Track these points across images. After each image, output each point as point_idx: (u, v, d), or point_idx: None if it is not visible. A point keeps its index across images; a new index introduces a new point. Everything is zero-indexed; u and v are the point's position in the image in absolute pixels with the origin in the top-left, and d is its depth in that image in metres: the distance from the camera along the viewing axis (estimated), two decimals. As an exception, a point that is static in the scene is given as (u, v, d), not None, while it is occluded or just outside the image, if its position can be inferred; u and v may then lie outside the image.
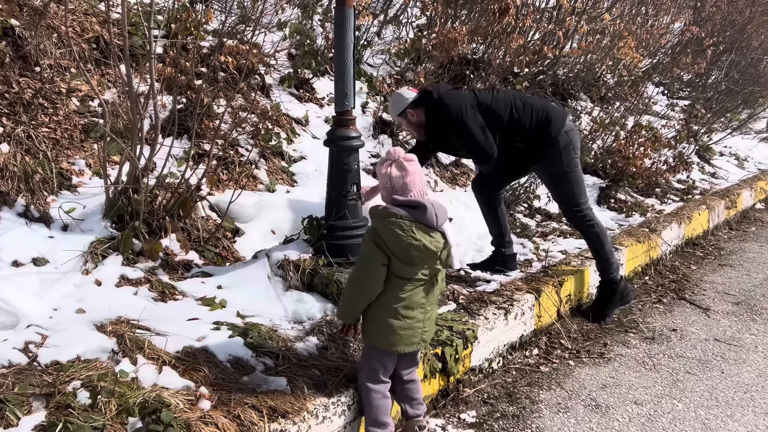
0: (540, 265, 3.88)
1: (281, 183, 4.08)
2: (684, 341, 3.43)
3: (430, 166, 5.07)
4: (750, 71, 9.92)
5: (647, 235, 4.50)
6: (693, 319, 3.75)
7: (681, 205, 5.56)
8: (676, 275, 4.49)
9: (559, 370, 3.06)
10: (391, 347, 2.21)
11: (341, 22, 2.84)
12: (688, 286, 4.30)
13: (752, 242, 5.46)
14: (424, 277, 2.22)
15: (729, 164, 8.15)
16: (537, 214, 5.05)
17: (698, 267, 4.74)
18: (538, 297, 3.26)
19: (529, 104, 3.42)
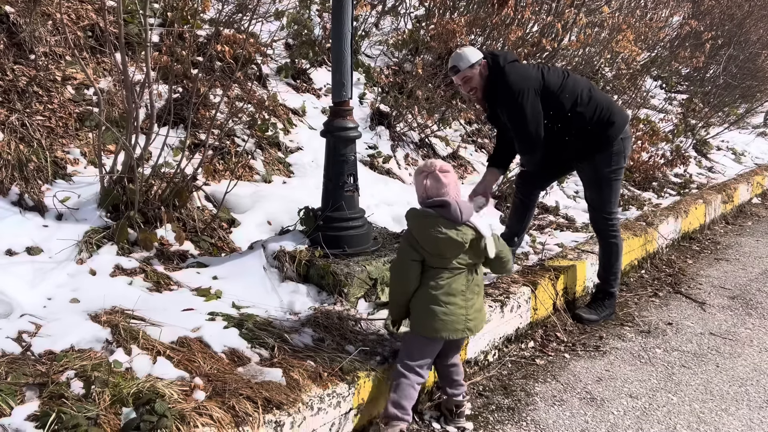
0: (536, 258, 3.88)
1: (278, 174, 4.06)
2: (679, 335, 3.43)
3: (427, 158, 5.05)
4: (748, 66, 9.91)
5: (644, 229, 4.49)
6: (689, 313, 3.75)
7: (678, 199, 5.56)
8: (672, 269, 4.49)
9: (555, 362, 3.05)
10: (435, 333, 2.31)
11: (339, 12, 2.81)
12: (684, 280, 4.30)
13: (748, 237, 5.47)
14: (461, 266, 2.35)
15: (726, 159, 8.15)
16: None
17: (694, 261, 4.74)
18: (534, 290, 3.25)
19: (595, 100, 3.25)
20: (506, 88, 3.11)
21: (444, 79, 5.23)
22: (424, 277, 2.34)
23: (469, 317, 2.34)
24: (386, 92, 5.13)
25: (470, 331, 2.36)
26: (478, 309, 2.40)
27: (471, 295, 2.36)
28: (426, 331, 2.31)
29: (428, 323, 2.30)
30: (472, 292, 2.37)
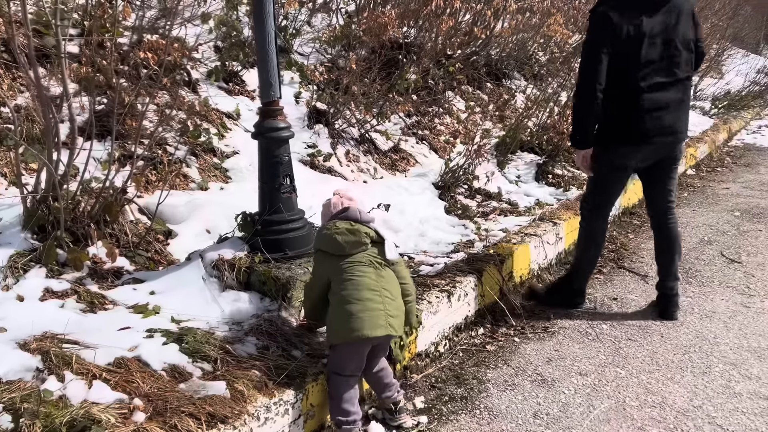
0: (481, 245, 3.90)
1: (214, 180, 3.96)
2: (625, 309, 3.50)
3: (369, 153, 5.03)
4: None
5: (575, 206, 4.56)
6: (632, 287, 3.83)
7: (616, 176, 5.68)
8: (614, 245, 4.58)
9: (505, 347, 3.07)
10: (357, 333, 2.21)
11: (260, 11, 2.74)
12: (626, 255, 4.40)
13: (685, 207, 5.63)
14: (362, 261, 2.34)
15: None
16: (477, 195, 5.08)
17: (635, 235, 4.86)
18: (480, 277, 3.26)
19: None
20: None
21: (379, 72, 5.20)
22: (334, 288, 2.32)
23: (389, 313, 2.26)
24: (322, 90, 5.07)
25: (393, 328, 2.26)
26: (398, 307, 2.34)
27: (386, 292, 2.30)
28: (349, 336, 2.22)
29: (348, 326, 2.21)
30: (386, 289, 2.31)
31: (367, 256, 2.34)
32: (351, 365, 2.26)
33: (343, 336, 2.23)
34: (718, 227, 4.99)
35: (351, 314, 2.22)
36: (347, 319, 2.22)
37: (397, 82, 5.22)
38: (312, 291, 2.46)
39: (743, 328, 3.24)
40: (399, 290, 2.37)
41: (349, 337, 2.21)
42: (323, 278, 2.38)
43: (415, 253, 3.81)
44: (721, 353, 2.98)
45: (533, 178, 5.71)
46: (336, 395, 2.23)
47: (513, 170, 5.75)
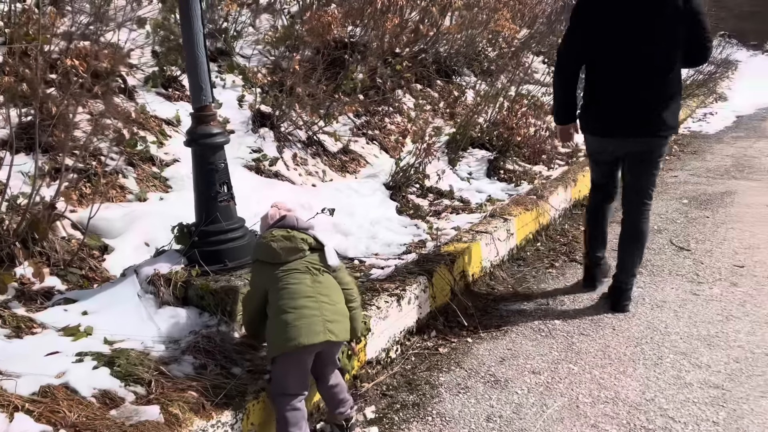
0: (433, 244, 3.84)
1: (153, 190, 3.80)
2: (577, 303, 3.49)
3: (317, 156, 4.92)
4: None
5: (535, 203, 4.56)
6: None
7: (566, 169, 5.71)
8: (566, 238, 4.59)
9: (458, 349, 3.01)
10: (291, 342, 2.11)
11: (187, 13, 2.61)
12: (578, 248, 4.39)
13: (634, 197, 5.69)
14: (299, 268, 2.26)
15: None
16: (429, 193, 5.02)
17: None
18: (431, 278, 3.20)
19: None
20: None
21: (324, 72, 5.10)
22: (270, 298, 2.24)
23: (327, 318, 2.16)
24: (266, 92, 4.94)
25: (332, 333, 2.15)
26: (339, 312, 2.24)
27: (323, 297, 2.21)
28: (285, 346, 2.11)
29: (284, 336, 2.12)
30: (322, 294, 2.22)
31: (304, 263, 2.26)
32: (293, 382, 2.14)
33: (279, 347, 2.13)
34: (667, 215, 5.04)
35: (286, 324, 2.12)
36: (283, 329, 2.12)
37: (343, 82, 5.12)
38: (250, 303, 2.36)
39: (693, 317, 3.25)
40: (341, 296, 2.28)
41: (285, 348, 2.11)
42: (260, 289, 2.28)
43: (366, 256, 3.73)
44: (672, 343, 2.98)
45: (485, 174, 5.69)
46: (281, 418, 2.12)
47: (465, 167, 5.72)
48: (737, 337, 3.01)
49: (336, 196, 4.38)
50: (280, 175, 4.44)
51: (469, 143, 6.01)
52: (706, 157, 7.39)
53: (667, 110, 3.12)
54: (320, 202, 4.06)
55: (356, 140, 5.45)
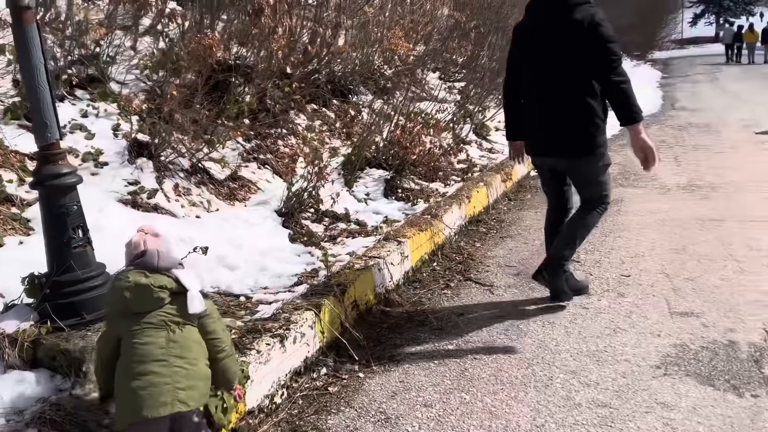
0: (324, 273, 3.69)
1: (12, 233, 3.43)
2: (471, 325, 3.44)
3: (202, 184, 4.67)
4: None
5: (429, 222, 4.52)
6: (479, 299, 3.80)
7: (461, 186, 5.74)
8: (462, 256, 4.57)
9: (349, 386, 2.87)
10: (135, 414, 1.89)
11: (24, 43, 2.36)
12: (473, 265, 4.38)
13: (528, 210, 5.79)
14: (153, 322, 2.02)
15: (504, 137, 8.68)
16: (325, 218, 4.88)
17: (482, 243, 4.88)
18: (319, 312, 3.05)
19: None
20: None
21: (205, 96, 4.87)
22: (122, 354, 2.01)
23: (179, 386, 1.95)
24: (143, 120, 4.65)
25: (183, 403, 1.94)
26: (195, 375, 2.02)
27: (177, 360, 1.99)
28: (130, 418, 1.91)
29: (129, 406, 1.91)
30: (177, 357, 1.99)
31: (161, 316, 2.03)
32: None
33: (123, 418, 1.91)
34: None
35: (132, 392, 1.90)
36: (128, 397, 1.91)
37: (226, 107, 4.91)
38: (101, 355, 2.11)
39: (582, 332, 3.27)
40: (202, 353, 2.07)
41: (131, 419, 1.89)
42: (111, 339, 2.05)
43: (254, 291, 3.53)
44: (562, 362, 2.97)
45: (382, 194, 5.62)
46: None
47: (362, 188, 5.63)
48: (624, 350, 3.04)
49: (222, 226, 4.15)
50: (160, 207, 4.16)
51: (366, 163, 5.94)
52: (595, 166, 7.67)
53: (574, 132, 3.27)
54: (204, 234, 3.83)
55: (247, 165, 5.24)
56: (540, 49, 3.23)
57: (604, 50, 3.12)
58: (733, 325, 3.21)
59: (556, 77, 3.22)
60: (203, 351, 2.07)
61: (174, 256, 2.19)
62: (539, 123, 3.35)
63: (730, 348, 2.98)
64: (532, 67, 3.30)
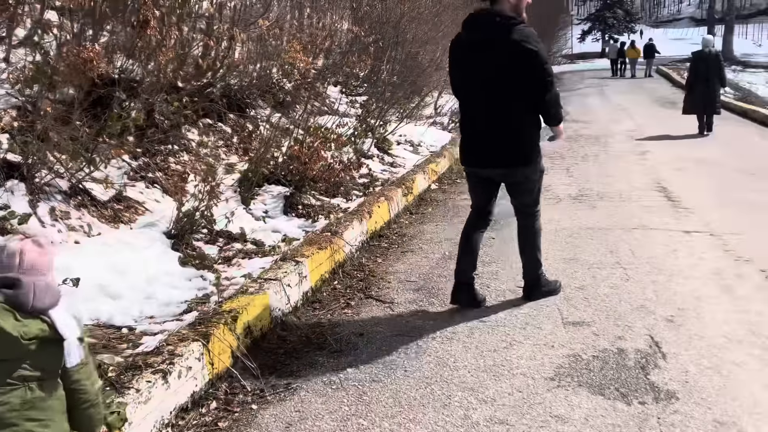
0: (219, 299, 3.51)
1: None
2: (370, 345, 3.36)
3: (83, 207, 4.34)
4: (409, 63, 10.85)
5: (329, 240, 4.43)
6: (379, 317, 3.73)
7: (362, 201, 5.69)
8: (363, 273, 4.50)
9: (241, 420, 2.71)
10: None
11: None
12: (374, 282, 4.32)
13: (429, 223, 5.82)
14: (10, 379, 1.71)
15: (405, 151, 8.78)
16: (219, 238, 4.67)
17: (383, 259, 4.84)
18: (207, 343, 2.87)
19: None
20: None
21: (85, 112, 4.55)
22: None
23: None
24: (13, 138, 4.27)
25: None
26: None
27: (30, 425, 1.71)
28: None
29: None
30: (32, 419, 1.72)
31: (22, 370, 1.72)
32: None
33: None
34: (458, 240, 5.17)
35: None
36: None
37: (108, 123, 4.61)
38: None
39: (480, 346, 3.28)
40: (61, 405, 1.81)
41: None
42: None
43: (138, 322, 3.30)
44: (460, 379, 2.95)
45: (282, 212, 5.47)
46: None
47: (260, 205, 5.46)
48: (519, 363, 3.07)
49: (104, 252, 3.87)
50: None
51: (264, 180, 5.78)
52: (493, 177, 7.87)
53: (515, 143, 3.48)
54: (82, 262, 3.55)
55: (134, 185, 4.94)
56: (478, 66, 3.39)
57: (539, 71, 3.33)
58: (622, 333, 3.32)
59: (495, 93, 3.39)
60: (62, 405, 1.82)
61: (54, 289, 1.84)
62: (481, 135, 3.52)
63: (619, 356, 3.08)
64: (472, 82, 3.48)
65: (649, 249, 4.69)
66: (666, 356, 3.04)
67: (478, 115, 3.51)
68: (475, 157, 3.62)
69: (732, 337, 3.20)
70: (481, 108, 3.49)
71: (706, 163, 8.04)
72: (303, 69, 8.08)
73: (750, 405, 2.58)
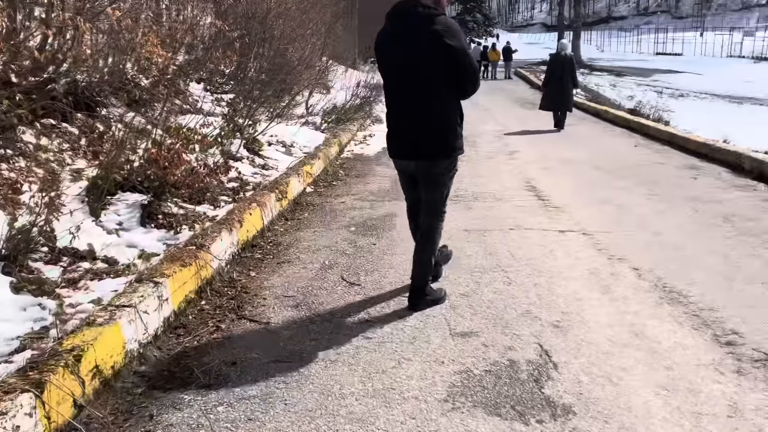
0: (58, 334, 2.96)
1: None
2: (245, 376, 2.98)
3: None
4: (278, 60, 10.41)
5: (194, 254, 3.96)
6: (254, 340, 3.35)
7: (231, 208, 5.23)
8: (235, 290, 4.08)
9: (87, 485, 2.25)
10: None
11: None
12: (247, 300, 3.93)
13: (306, 229, 5.49)
14: None
15: (278, 153, 8.35)
16: (63, 257, 4.04)
17: (258, 272, 4.44)
18: (41, 393, 2.36)
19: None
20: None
21: None
22: None
23: None
24: None
25: None
26: None
27: None
28: None
29: None
30: None
31: None
32: None
33: None
34: (337, 247, 4.91)
35: None
36: None
37: None
38: None
39: (368, 367, 3.02)
40: None
41: None
42: None
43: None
44: (348, 409, 2.67)
45: (138, 223, 4.88)
46: None
47: (112, 216, 4.83)
48: (410, 385, 2.84)
49: None
50: None
51: (118, 187, 5.14)
52: (368, 179, 7.69)
53: (428, 137, 3.48)
54: None
55: (-48, 198, 4.15)
56: (402, 57, 3.41)
57: (462, 62, 3.36)
58: (511, 342, 3.21)
59: (420, 84, 3.40)
60: None
61: None
62: (405, 127, 3.53)
63: (511, 369, 2.95)
64: (396, 73, 3.49)
65: (527, 250, 4.68)
66: (557, 366, 2.95)
67: (404, 106, 3.52)
68: (402, 148, 3.60)
69: (617, 340, 3.18)
70: (406, 99, 3.49)
71: (569, 162, 8.39)
72: (161, 64, 7.43)
73: (644, 414, 2.53)
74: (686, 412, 2.52)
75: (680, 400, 2.62)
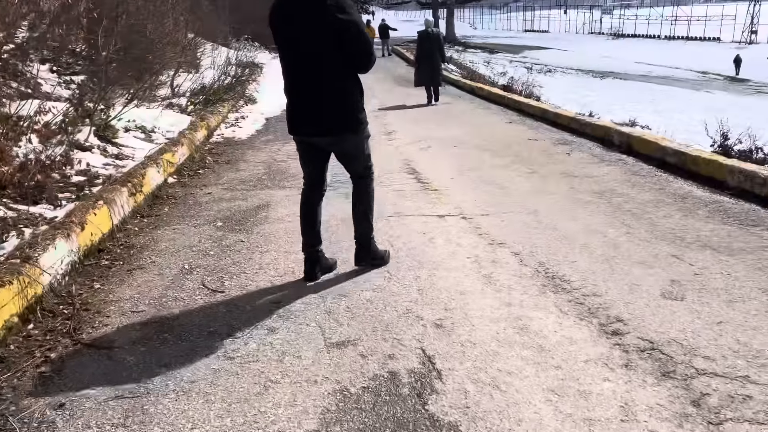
0: None
1: None
2: (74, 421, 2.45)
3: None
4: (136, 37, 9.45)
5: (17, 269, 3.31)
6: (91, 372, 2.81)
7: (72, 208, 4.53)
8: (72, 307, 3.46)
9: None
10: None
11: None
12: (87, 319, 3.34)
13: (165, 227, 4.89)
14: None
15: (136, 140, 7.54)
16: None
17: (103, 283, 3.83)
18: None
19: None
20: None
21: None
22: None
23: None
24: None
25: None
26: None
27: None
28: None
29: None
30: None
31: None
32: None
33: None
34: (199, 248, 4.38)
35: None
36: None
37: None
38: None
39: (227, 396, 2.59)
40: None
41: None
42: None
43: None
44: (201, 454, 2.24)
45: (-47, 232, 4.08)
46: None
47: None
48: (277, 414, 2.45)
49: None
50: None
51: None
52: (240, 166, 7.13)
53: (342, 111, 3.45)
54: None
55: None
56: (296, 33, 3.34)
57: (356, 37, 3.31)
58: (392, 350, 2.90)
59: (318, 61, 3.34)
60: None
61: None
62: (308, 105, 3.45)
63: (391, 383, 2.63)
64: (293, 51, 3.39)
65: (406, 238, 4.41)
66: (441, 374, 2.67)
67: (301, 83, 3.45)
68: (301, 126, 3.54)
69: (503, 338, 2.96)
70: (302, 76, 3.42)
71: (448, 141, 8.25)
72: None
73: (535, 428, 2.30)
74: (578, 420, 2.33)
75: (571, 405, 2.42)
